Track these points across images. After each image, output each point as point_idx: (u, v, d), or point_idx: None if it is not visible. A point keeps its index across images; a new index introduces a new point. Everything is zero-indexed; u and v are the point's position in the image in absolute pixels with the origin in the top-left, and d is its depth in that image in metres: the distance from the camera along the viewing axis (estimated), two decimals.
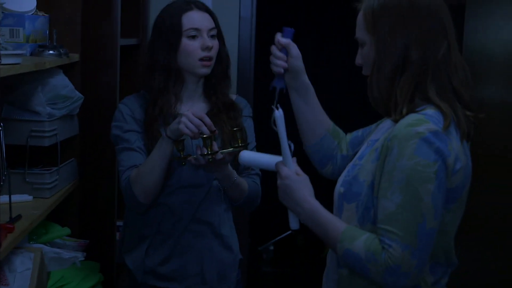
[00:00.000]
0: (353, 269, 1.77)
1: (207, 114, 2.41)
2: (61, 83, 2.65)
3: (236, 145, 2.26)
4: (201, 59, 2.39)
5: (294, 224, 1.91)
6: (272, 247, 5.72)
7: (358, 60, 1.88)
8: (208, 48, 2.38)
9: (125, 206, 2.46)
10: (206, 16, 2.43)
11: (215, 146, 2.24)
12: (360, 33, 1.85)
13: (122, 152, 2.39)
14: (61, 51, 2.64)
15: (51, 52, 2.59)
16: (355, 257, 1.72)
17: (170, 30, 2.39)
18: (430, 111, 1.75)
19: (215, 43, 2.42)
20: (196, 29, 2.39)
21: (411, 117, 1.73)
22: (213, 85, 2.47)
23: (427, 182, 1.67)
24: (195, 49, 2.38)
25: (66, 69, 2.77)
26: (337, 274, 1.85)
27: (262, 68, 2.21)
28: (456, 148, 1.72)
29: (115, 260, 3.01)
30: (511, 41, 2.84)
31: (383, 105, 1.81)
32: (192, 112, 2.22)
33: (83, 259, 2.72)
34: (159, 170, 2.29)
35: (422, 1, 1.79)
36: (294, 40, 2.00)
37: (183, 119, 2.21)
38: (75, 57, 2.82)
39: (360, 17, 1.85)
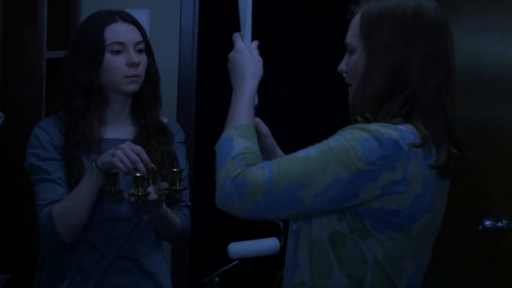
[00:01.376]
0: (217, 155, 1.74)
1: (135, 138, 2.37)
2: None
3: (174, 187, 2.20)
4: (126, 74, 2.32)
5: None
6: (217, 279, 5.68)
7: (342, 67, 1.83)
8: (135, 64, 2.31)
9: (41, 244, 2.39)
10: (132, 28, 2.35)
11: (150, 187, 2.16)
12: (352, 39, 1.79)
13: (40, 183, 2.30)
14: None
15: None
16: (229, 147, 1.72)
17: (91, 45, 2.31)
18: (403, 127, 1.70)
19: (142, 58, 2.35)
20: (121, 43, 2.32)
21: (381, 123, 1.70)
22: (142, 105, 2.41)
23: (344, 168, 1.64)
24: (120, 66, 2.31)
25: None
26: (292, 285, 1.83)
27: (205, 83, 2.18)
28: (410, 171, 1.67)
29: None
30: (473, 57, 2.86)
31: (361, 117, 1.75)
32: (129, 145, 2.16)
33: None
34: (87, 205, 2.23)
35: (429, 17, 1.74)
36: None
37: (118, 152, 2.14)
38: None
39: (355, 21, 1.80)
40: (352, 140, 1.65)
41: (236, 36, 1.96)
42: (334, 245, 1.75)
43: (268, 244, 2.15)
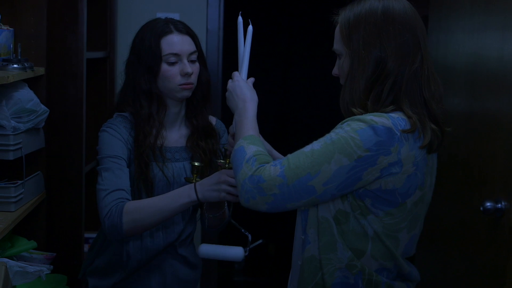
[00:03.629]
0: (233, 164, 1.82)
1: (188, 139, 2.38)
2: (26, 96, 2.60)
3: None
4: (181, 85, 2.30)
5: (233, 128, 2.04)
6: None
7: (335, 71, 1.89)
8: (188, 75, 2.29)
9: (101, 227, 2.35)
10: (187, 39, 2.32)
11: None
12: (337, 45, 1.86)
13: (107, 171, 2.24)
14: (26, 65, 2.60)
15: (15, 66, 2.54)
16: (242, 154, 1.79)
17: (149, 55, 2.29)
18: (395, 115, 1.76)
19: (195, 68, 2.33)
20: (176, 55, 2.29)
21: (374, 113, 1.75)
22: (194, 108, 2.40)
23: (346, 156, 1.70)
24: (175, 75, 2.29)
25: (32, 83, 2.73)
26: (299, 263, 1.87)
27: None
28: (403, 154, 1.73)
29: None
30: (472, 54, 2.85)
31: (353, 113, 1.80)
32: (225, 177, 2.11)
33: (49, 272, 2.66)
34: (161, 219, 2.20)
35: (397, 14, 1.79)
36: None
37: (224, 187, 2.10)
38: (41, 70, 2.78)
39: (337, 30, 1.86)
40: (350, 131, 1.71)
41: (235, 72, 2.07)
42: (338, 223, 1.79)
43: (233, 252, 2.24)
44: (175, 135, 2.39)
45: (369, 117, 1.72)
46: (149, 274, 2.38)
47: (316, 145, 1.73)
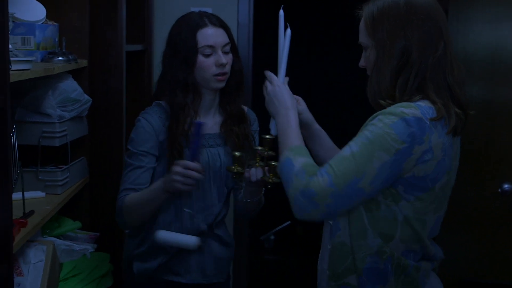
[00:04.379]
0: (282, 177, 1.80)
1: (222, 125, 2.40)
2: (70, 87, 2.65)
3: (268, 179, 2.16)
4: (216, 75, 2.33)
5: (273, 130, 2.01)
6: (273, 237, 5.73)
7: (362, 63, 1.89)
8: (223, 65, 2.32)
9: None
10: (220, 31, 2.34)
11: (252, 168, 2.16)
12: (363, 38, 1.86)
13: (129, 168, 2.34)
14: (70, 57, 2.64)
15: (60, 58, 2.59)
16: (290, 167, 1.76)
17: (186, 47, 2.31)
18: (422, 103, 1.76)
19: (229, 58, 2.35)
20: (211, 47, 2.31)
21: (403, 103, 1.75)
22: (228, 96, 2.42)
23: (385, 152, 1.69)
24: (210, 66, 2.31)
25: (75, 74, 2.77)
26: (328, 247, 1.87)
27: (260, 74, 2.18)
28: (433, 141, 1.73)
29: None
30: (490, 44, 2.84)
31: (381, 105, 1.80)
32: (178, 168, 2.16)
33: (93, 250, 2.72)
34: (149, 213, 2.31)
35: (419, 5, 1.79)
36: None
37: (176, 177, 2.16)
38: (83, 62, 2.82)
39: (362, 23, 1.86)
40: (384, 127, 1.70)
41: (271, 74, 2.01)
42: (369, 210, 1.79)
43: (188, 240, 2.25)
44: (210, 122, 2.41)
45: (399, 109, 1.72)
46: (190, 254, 2.41)
47: (354, 147, 1.72)
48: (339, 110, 6.08)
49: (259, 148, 2.16)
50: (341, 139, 2.08)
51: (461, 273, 2.96)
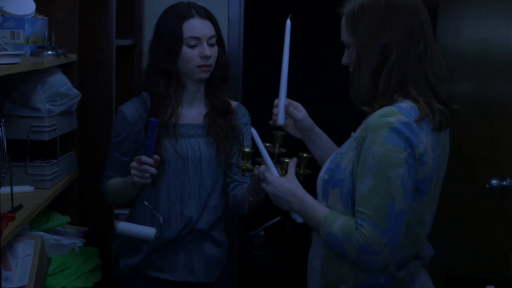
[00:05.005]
0: (334, 250, 1.79)
1: (206, 115, 2.40)
2: (60, 81, 2.64)
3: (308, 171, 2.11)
4: (199, 66, 2.33)
5: (298, 218, 1.96)
6: (262, 232, 5.74)
7: (344, 60, 1.87)
8: (207, 57, 2.32)
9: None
10: (207, 24, 2.34)
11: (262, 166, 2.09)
12: (344, 35, 1.84)
13: (111, 157, 2.46)
14: (60, 52, 2.63)
15: (49, 52, 2.58)
16: (334, 238, 1.75)
17: (171, 37, 2.31)
18: (404, 104, 1.75)
19: (214, 51, 2.35)
20: (196, 38, 2.31)
21: (385, 109, 1.73)
22: (213, 88, 2.42)
23: (397, 166, 1.68)
24: (194, 57, 2.32)
25: (65, 69, 2.76)
26: (322, 254, 1.86)
27: (250, 70, 2.18)
28: (425, 141, 1.73)
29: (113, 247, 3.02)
30: (481, 40, 2.85)
31: (364, 104, 1.80)
32: (133, 164, 2.22)
33: (82, 245, 2.72)
34: (127, 199, 2.43)
35: (400, 2, 1.77)
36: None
37: (132, 171, 2.22)
38: (73, 57, 2.81)
39: (343, 21, 1.84)
40: (380, 146, 1.69)
41: (264, 173, 1.96)
42: None
43: (146, 231, 2.30)
44: (194, 113, 2.41)
45: (384, 120, 1.70)
46: (176, 251, 2.40)
47: (367, 182, 1.70)
48: (338, 110, 6.08)
49: (268, 144, 2.11)
50: (340, 138, 2.07)
51: (448, 268, 2.97)
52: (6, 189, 2.26)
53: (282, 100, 2.07)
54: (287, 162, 1.99)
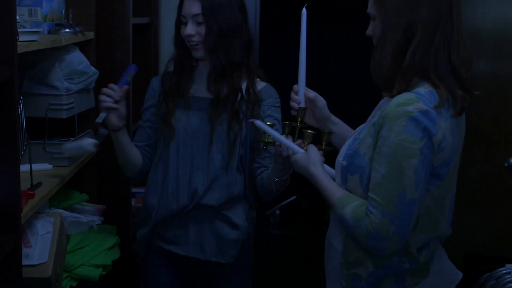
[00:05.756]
0: (348, 231, 1.81)
1: (213, 97, 2.40)
2: (77, 59, 2.64)
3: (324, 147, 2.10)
4: (188, 41, 2.37)
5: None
6: (278, 212, 5.75)
7: (369, 32, 1.85)
8: (185, 35, 2.35)
9: None
10: (194, 3, 2.34)
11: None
12: (371, 8, 1.82)
13: (137, 128, 2.54)
14: (77, 29, 2.64)
15: (67, 30, 2.58)
16: (345, 222, 1.78)
17: (177, 13, 2.40)
18: (423, 90, 1.73)
19: (199, 30, 2.34)
20: (183, 17, 2.36)
21: (403, 96, 1.72)
22: (219, 70, 2.39)
23: (412, 157, 1.67)
24: (183, 34, 2.38)
25: (82, 46, 2.76)
26: (342, 233, 1.87)
27: (268, 47, 2.17)
28: (444, 127, 1.71)
29: (131, 223, 3.04)
30: (499, 18, 2.82)
31: (384, 80, 1.78)
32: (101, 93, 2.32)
33: (100, 223, 2.73)
34: (126, 159, 2.46)
35: None
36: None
37: (100, 97, 2.33)
38: (90, 35, 2.81)
39: None
40: (397, 135, 1.68)
41: (290, 154, 2.03)
42: None
43: (85, 142, 2.39)
44: (204, 88, 2.43)
45: (402, 109, 1.68)
46: (187, 225, 2.42)
47: (381, 169, 1.70)
48: (351, 96, 6.07)
49: (287, 123, 2.12)
50: (353, 124, 2.07)
51: (466, 246, 2.97)
52: (25, 167, 2.27)
53: (301, 85, 2.10)
54: (310, 133, 2.02)
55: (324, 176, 1.89)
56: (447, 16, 1.73)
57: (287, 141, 2.04)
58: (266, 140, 2.14)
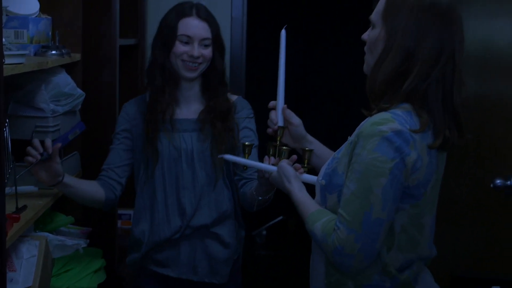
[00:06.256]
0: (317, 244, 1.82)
1: (198, 116, 2.41)
2: (64, 81, 2.64)
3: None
4: (185, 61, 2.37)
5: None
6: (265, 232, 5.74)
7: (365, 36, 1.83)
8: (193, 57, 2.36)
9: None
10: (203, 25, 2.38)
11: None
12: (376, 16, 1.78)
13: (110, 150, 2.52)
14: (63, 51, 2.63)
15: (53, 52, 2.57)
16: (315, 237, 1.78)
17: (168, 32, 2.38)
18: (400, 111, 1.72)
19: (205, 52, 2.38)
20: (189, 37, 2.36)
21: (379, 116, 1.72)
22: (209, 91, 2.44)
23: (381, 176, 1.67)
24: (182, 53, 2.37)
25: (68, 68, 2.76)
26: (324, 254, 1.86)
27: (254, 67, 2.20)
28: (419, 147, 1.71)
29: (117, 245, 3.02)
30: (483, 40, 2.85)
31: (374, 95, 1.77)
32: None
33: (86, 245, 2.71)
34: (77, 201, 2.49)
35: (443, 9, 1.72)
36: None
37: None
38: (77, 56, 2.81)
39: (382, 1, 1.78)
40: (369, 153, 1.68)
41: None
42: None
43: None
44: (190, 110, 2.45)
45: (376, 129, 1.68)
46: (179, 246, 2.41)
47: (351, 186, 1.70)
48: (338, 113, 6.09)
49: (271, 143, 2.15)
50: (338, 142, 2.08)
51: (452, 268, 2.97)
52: (10, 190, 2.25)
53: (280, 103, 2.13)
54: (284, 149, 2.08)
55: (298, 190, 1.91)
56: (449, 51, 1.72)
57: (261, 165, 2.09)
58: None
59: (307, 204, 1.86)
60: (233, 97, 2.51)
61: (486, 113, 2.90)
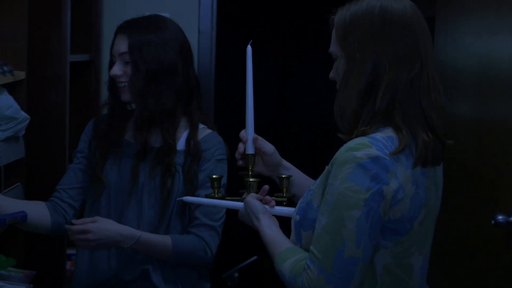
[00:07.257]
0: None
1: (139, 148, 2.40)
2: (5, 103, 2.61)
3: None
4: (116, 82, 2.37)
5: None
6: (237, 274, 5.70)
7: (332, 75, 1.85)
8: (113, 76, 2.36)
9: None
10: (122, 38, 2.34)
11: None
12: (333, 47, 1.83)
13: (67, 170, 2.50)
14: (5, 69, 2.61)
15: None
16: (283, 277, 1.77)
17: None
18: (380, 135, 1.73)
19: (126, 69, 2.34)
20: (112, 55, 2.37)
21: (355, 141, 1.72)
22: (143, 115, 2.37)
23: (354, 208, 1.66)
24: (111, 75, 2.37)
25: (11, 88, 2.74)
26: None
27: (223, 84, 2.18)
28: (401, 177, 1.70)
29: None
30: (481, 58, 2.86)
31: (347, 126, 1.78)
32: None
33: None
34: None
35: (396, 15, 1.76)
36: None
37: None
38: (21, 75, 2.78)
39: (333, 31, 1.83)
40: (341, 183, 1.68)
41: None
42: None
43: None
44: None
45: (350, 155, 1.68)
46: None
47: (322, 219, 1.70)
48: (317, 138, 6.13)
49: (253, 180, 2.10)
50: (320, 167, 2.07)
51: None
52: None
53: (249, 130, 2.12)
54: (252, 181, 2.05)
55: (267, 227, 1.90)
56: (414, 54, 1.75)
57: (225, 203, 2.09)
58: (216, 196, 2.13)
59: (276, 241, 1.85)
60: (205, 132, 2.42)
61: (485, 139, 2.90)
